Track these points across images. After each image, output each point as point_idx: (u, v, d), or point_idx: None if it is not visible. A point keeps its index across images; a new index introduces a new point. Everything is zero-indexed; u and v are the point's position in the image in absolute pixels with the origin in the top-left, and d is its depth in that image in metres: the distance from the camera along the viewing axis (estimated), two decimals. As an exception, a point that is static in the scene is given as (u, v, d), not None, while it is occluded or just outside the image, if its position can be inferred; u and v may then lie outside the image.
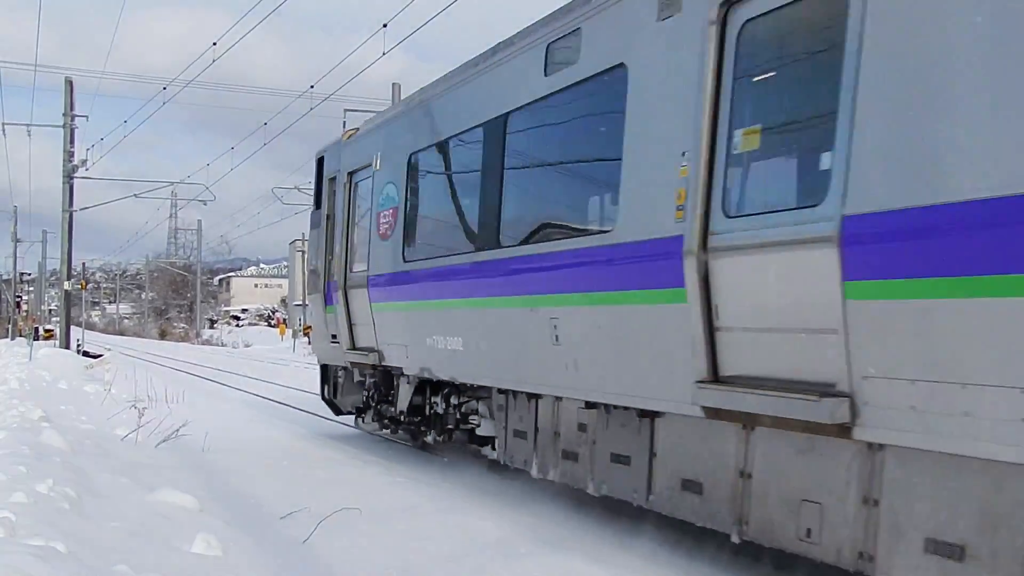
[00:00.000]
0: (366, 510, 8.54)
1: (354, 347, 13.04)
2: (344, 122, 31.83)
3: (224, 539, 6.73)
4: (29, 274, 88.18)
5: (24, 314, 74.48)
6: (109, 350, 40.50)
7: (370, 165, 12.59)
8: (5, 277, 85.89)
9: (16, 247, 71.64)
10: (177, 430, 12.50)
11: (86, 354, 37.46)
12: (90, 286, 72.19)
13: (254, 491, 10.14)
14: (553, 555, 7.54)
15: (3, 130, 39.32)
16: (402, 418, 12.09)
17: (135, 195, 37.70)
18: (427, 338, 10.69)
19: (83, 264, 76.43)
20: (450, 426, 11.07)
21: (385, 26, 19.82)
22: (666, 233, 6.47)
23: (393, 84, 33.01)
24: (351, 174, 13.32)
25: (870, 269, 4.95)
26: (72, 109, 34.23)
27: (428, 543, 7.95)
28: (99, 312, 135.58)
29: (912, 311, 4.77)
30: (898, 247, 4.80)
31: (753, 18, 6.01)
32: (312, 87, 26.11)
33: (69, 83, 34.48)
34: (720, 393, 6.02)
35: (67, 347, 35.62)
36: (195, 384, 26.57)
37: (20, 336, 59.90)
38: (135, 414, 13.12)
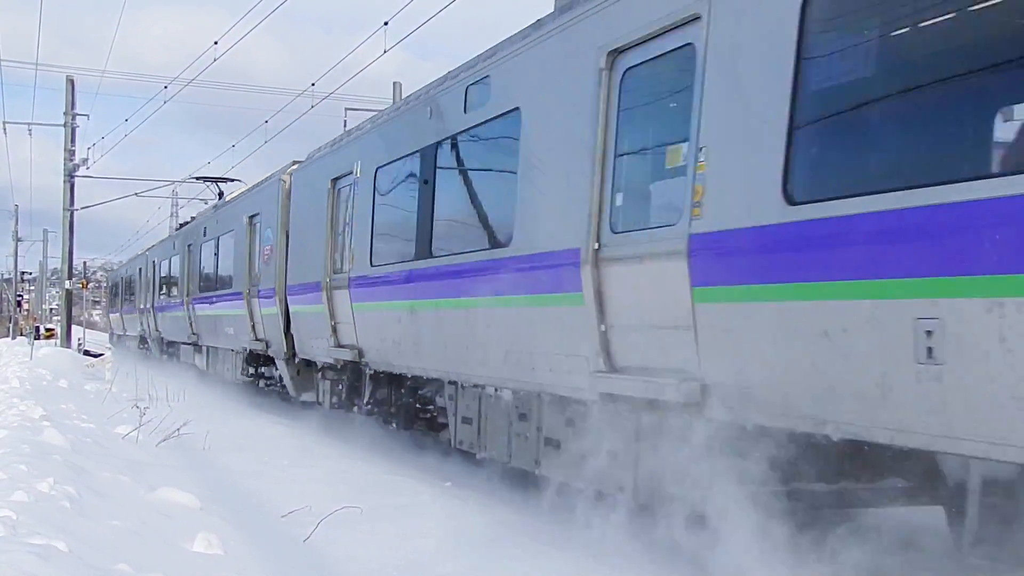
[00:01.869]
0: (366, 509, 8.54)
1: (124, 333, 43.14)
2: (345, 121, 31.79)
3: (225, 538, 6.73)
4: (30, 273, 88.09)
5: (25, 313, 74.45)
6: (110, 348, 40.45)
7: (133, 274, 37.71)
8: (6, 276, 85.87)
9: (17, 246, 71.62)
10: (178, 429, 12.50)
11: (87, 353, 37.44)
12: (91, 285, 72.12)
13: (255, 489, 10.15)
14: (553, 553, 7.54)
15: (4, 129, 39.32)
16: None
17: (136, 194, 37.67)
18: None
19: (84, 263, 76.32)
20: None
21: (386, 24, 19.80)
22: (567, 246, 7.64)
23: (394, 83, 32.92)
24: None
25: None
26: (73, 108, 34.16)
27: (428, 542, 7.96)
28: (100, 311, 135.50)
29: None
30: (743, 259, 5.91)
31: (632, 66, 7.15)
32: (313, 85, 26.00)
33: (70, 82, 34.41)
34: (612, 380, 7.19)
35: (68, 346, 35.62)
36: (195, 381, 26.58)
37: (21, 335, 59.86)
38: (136, 413, 13.13)
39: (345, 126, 31.11)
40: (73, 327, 38.37)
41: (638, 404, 6.98)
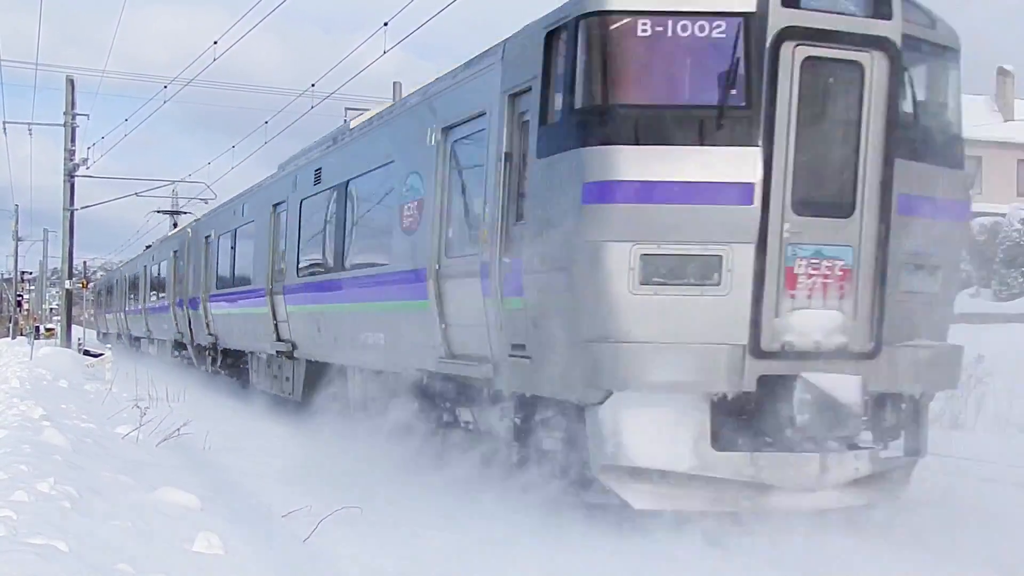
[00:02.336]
0: (366, 509, 8.55)
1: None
2: (345, 120, 31.72)
3: (225, 538, 6.73)
4: (30, 273, 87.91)
5: (25, 313, 74.41)
6: (110, 348, 40.39)
7: (112, 283, 51.33)
8: (6, 276, 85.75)
9: (17, 246, 71.55)
10: (178, 429, 12.51)
11: (87, 353, 37.42)
12: (91, 285, 72.07)
13: (255, 489, 10.17)
14: (555, 553, 7.56)
15: (4, 129, 39.29)
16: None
17: (136, 194, 37.69)
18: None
19: (84, 263, 76.34)
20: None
21: (386, 24, 19.85)
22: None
23: (394, 83, 32.91)
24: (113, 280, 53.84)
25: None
26: (73, 108, 34.14)
27: (428, 541, 7.97)
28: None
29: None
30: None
31: (276, 204, 17.11)
32: (313, 86, 25.97)
33: (70, 82, 34.42)
34: None
35: (68, 346, 35.61)
36: (195, 380, 26.58)
37: (21, 335, 59.83)
38: (136, 413, 13.14)
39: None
40: (73, 326, 38.37)
41: (282, 355, 16.97)
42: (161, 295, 31.47)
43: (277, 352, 17.09)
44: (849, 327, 8.14)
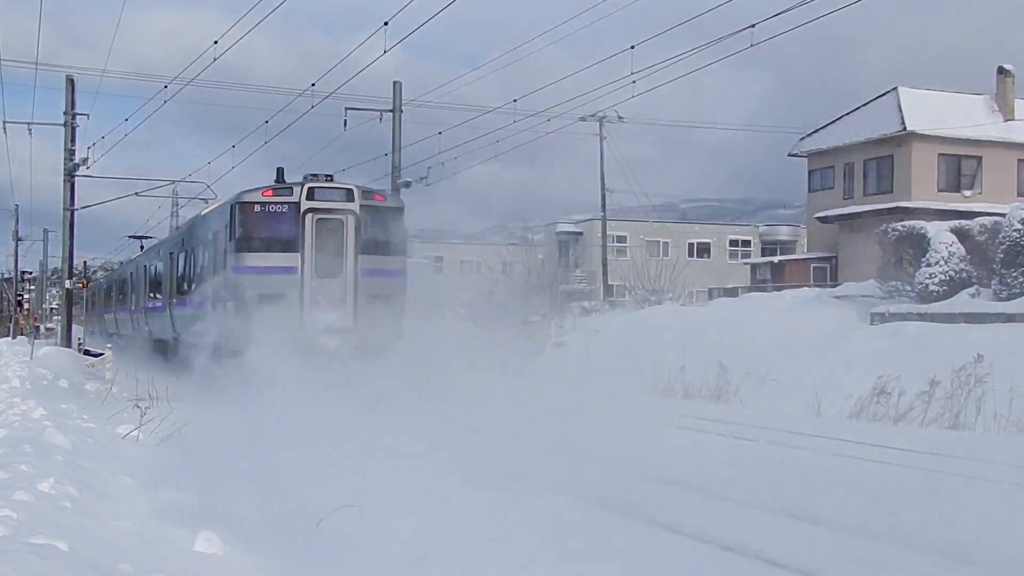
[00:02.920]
0: (367, 507, 8.55)
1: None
2: (345, 121, 31.80)
3: (225, 537, 6.74)
4: (31, 272, 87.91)
5: (25, 313, 74.41)
6: (110, 347, 40.39)
7: (96, 292, 60.35)
8: (6, 276, 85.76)
9: (17, 246, 71.58)
10: (179, 428, 12.52)
11: (87, 352, 37.38)
12: (90, 285, 71.94)
13: (255, 489, 10.16)
14: (557, 553, 7.56)
15: (4, 128, 39.21)
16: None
17: (136, 193, 37.67)
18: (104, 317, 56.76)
19: (84, 263, 76.21)
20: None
21: (386, 24, 19.93)
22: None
23: (394, 82, 32.97)
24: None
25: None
26: (73, 107, 34.07)
27: (428, 541, 7.97)
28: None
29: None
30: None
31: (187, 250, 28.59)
32: (313, 85, 25.99)
33: (70, 82, 34.38)
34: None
35: (68, 345, 35.60)
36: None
37: (22, 335, 59.83)
38: (137, 412, 13.15)
39: (345, 126, 31.51)
40: (73, 326, 38.34)
41: (181, 342, 25.82)
42: (124, 303, 43.27)
43: (172, 339, 28.06)
44: (342, 319, 20.15)
